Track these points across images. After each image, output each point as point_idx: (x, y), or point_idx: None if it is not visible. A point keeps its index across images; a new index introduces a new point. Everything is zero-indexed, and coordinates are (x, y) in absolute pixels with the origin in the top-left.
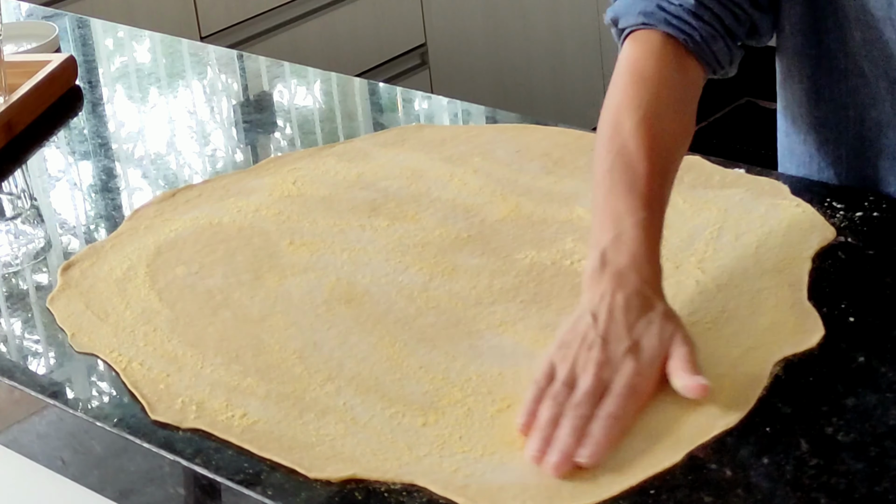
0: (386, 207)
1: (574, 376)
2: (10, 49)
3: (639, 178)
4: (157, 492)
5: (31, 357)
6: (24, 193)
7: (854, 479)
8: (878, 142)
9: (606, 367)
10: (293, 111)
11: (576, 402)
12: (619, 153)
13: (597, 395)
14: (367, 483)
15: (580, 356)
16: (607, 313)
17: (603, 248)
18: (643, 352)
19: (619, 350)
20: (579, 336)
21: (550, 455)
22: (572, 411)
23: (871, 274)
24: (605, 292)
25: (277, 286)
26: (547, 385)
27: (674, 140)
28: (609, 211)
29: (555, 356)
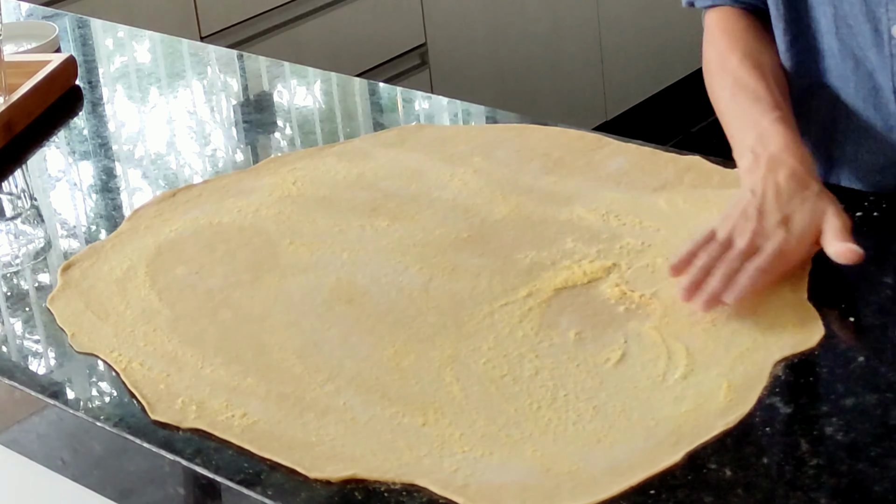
0: (386, 207)
1: (731, 240)
2: (10, 49)
3: (760, 93)
4: (157, 492)
5: (31, 357)
6: (24, 193)
7: (854, 479)
8: (846, 124)
9: (760, 235)
10: (293, 111)
11: (729, 257)
12: (734, 83)
13: (748, 255)
14: (367, 483)
15: (738, 224)
16: (764, 190)
17: (751, 146)
18: (794, 223)
19: (773, 221)
20: (739, 209)
21: (700, 294)
22: (725, 264)
23: (871, 274)
24: (765, 174)
25: (277, 286)
26: (705, 244)
27: (773, 69)
28: (744, 121)
29: (716, 224)
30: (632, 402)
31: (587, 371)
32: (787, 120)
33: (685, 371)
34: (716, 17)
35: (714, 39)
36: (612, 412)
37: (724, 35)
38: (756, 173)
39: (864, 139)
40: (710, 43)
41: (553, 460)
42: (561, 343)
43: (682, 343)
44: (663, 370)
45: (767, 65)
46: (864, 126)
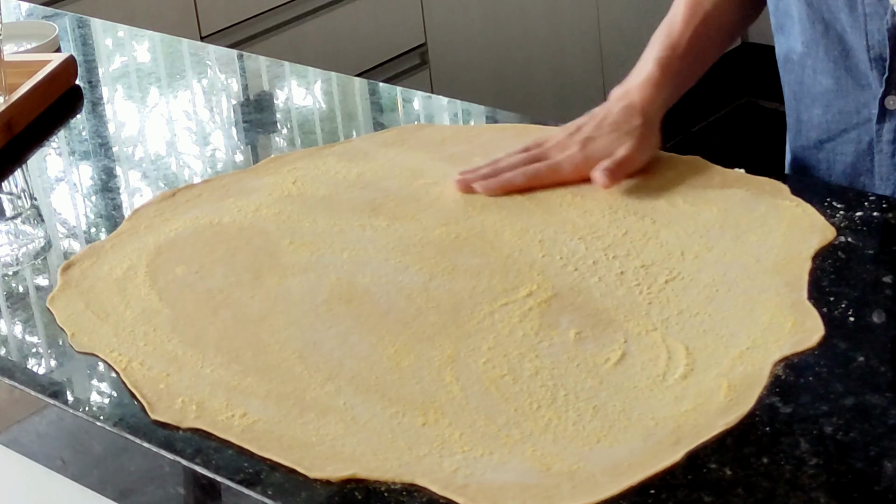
0: (386, 207)
1: (540, 145)
2: (10, 49)
3: (674, 32)
4: (157, 492)
5: (31, 357)
6: (24, 193)
7: (854, 479)
8: (814, 88)
9: (557, 147)
10: (293, 111)
11: (517, 157)
12: (667, 23)
13: (535, 160)
14: (367, 483)
15: (553, 135)
16: (598, 115)
17: (629, 74)
18: (592, 145)
19: (577, 138)
20: (570, 125)
21: (464, 175)
22: (505, 159)
23: (871, 274)
24: (609, 103)
25: (277, 286)
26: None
27: (713, 16)
28: (642, 59)
29: (548, 132)
30: (632, 402)
31: (587, 371)
32: (669, 63)
33: (685, 371)
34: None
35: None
36: (612, 412)
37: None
38: (608, 101)
39: (835, 100)
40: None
41: (553, 460)
42: (561, 343)
43: (682, 343)
44: (663, 370)
45: (710, 13)
46: (834, 88)
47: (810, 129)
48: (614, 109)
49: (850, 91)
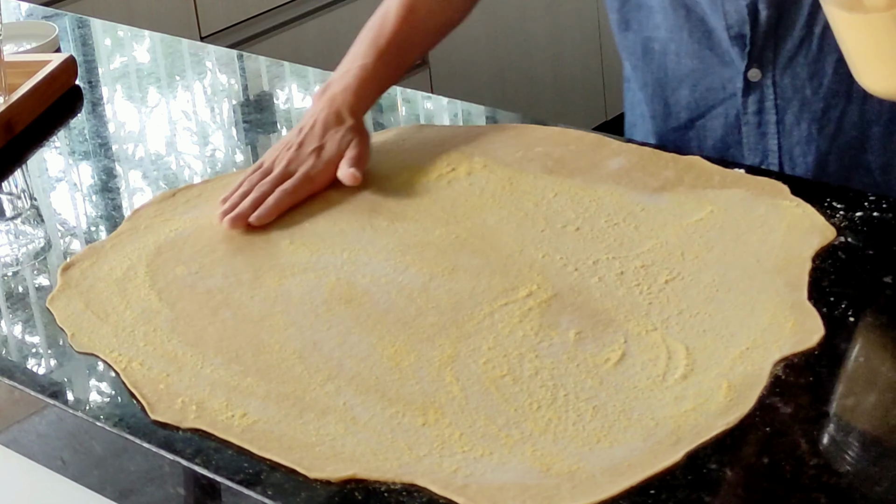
0: (386, 207)
1: (271, 169)
2: (10, 49)
3: (383, 36)
4: (157, 492)
5: (31, 357)
6: (24, 193)
7: (854, 479)
8: (680, 71)
9: (295, 162)
10: (293, 111)
11: (263, 182)
12: (380, 17)
13: (282, 180)
14: (367, 483)
15: (280, 154)
16: (309, 126)
17: (332, 78)
18: (325, 151)
19: (308, 150)
20: (285, 141)
21: (231, 215)
22: (257, 188)
23: (871, 274)
24: (315, 111)
25: (277, 286)
26: (251, 174)
27: (430, 17)
28: (350, 55)
29: (265, 156)
30: (632, 402)
31: (587, 371)
32: (374, 71)
33: (685, 371)
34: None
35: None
36: (612, 412)
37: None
38: (313, 108)
39: (701, 80)
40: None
41: (553, 460)
42: (561, 343)
43: (682, 343)
44: (663, 370)
45: (425, 10)
46: (699, 68)
47: (679, 110)
48: (323, 116)
49: (715, 69)
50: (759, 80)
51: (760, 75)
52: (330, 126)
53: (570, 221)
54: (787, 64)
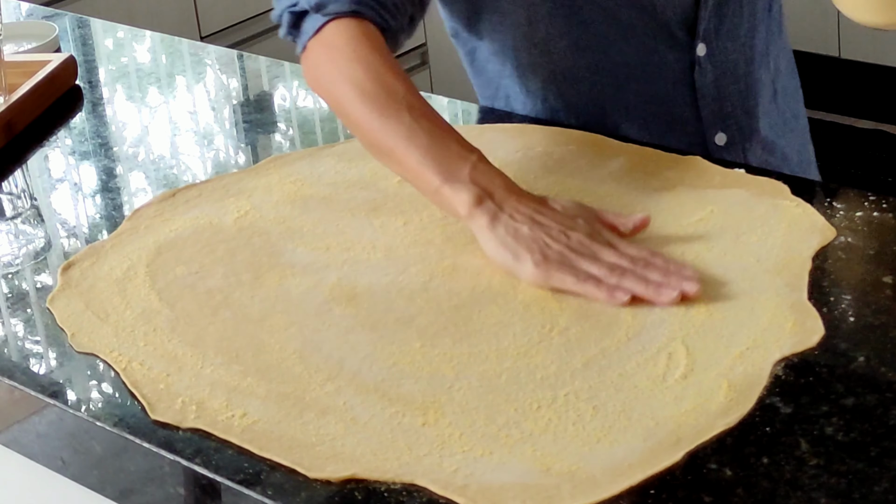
0: (386, 207)
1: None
2: (10, 49)
3: (443, 125)
4: (157, 492)
5: (31, 357)
6: (24, 193)
7: (854, 479)
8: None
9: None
10: (293, 111)
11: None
12: (411, 109)
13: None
14: (367, 483)
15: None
16: (527, 214)
17: (470, 179)
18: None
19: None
20: (530, 239)
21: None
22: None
23: (871, 274)
24: (508, 210)
25: (277, 286)
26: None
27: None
28: (444, 152)
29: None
30: (632, 402)
31: (587, 371)
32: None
33: (685, 371)
34: (350, 29)
35: (359, 57)
36: (612, 412)
37: (376, 52)
38: (497, 212)
39: (648, 66)
40: (348, 59)
41: (553, 460)
42: (561, 343)
43: (682, 343)
44: (663, 370)
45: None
46: (648, 58)
47: (629, 96)
48: (525, 204)
49: (664, 53)
50: (705, 54)
51: (706, 49)
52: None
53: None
54: (730, 35)
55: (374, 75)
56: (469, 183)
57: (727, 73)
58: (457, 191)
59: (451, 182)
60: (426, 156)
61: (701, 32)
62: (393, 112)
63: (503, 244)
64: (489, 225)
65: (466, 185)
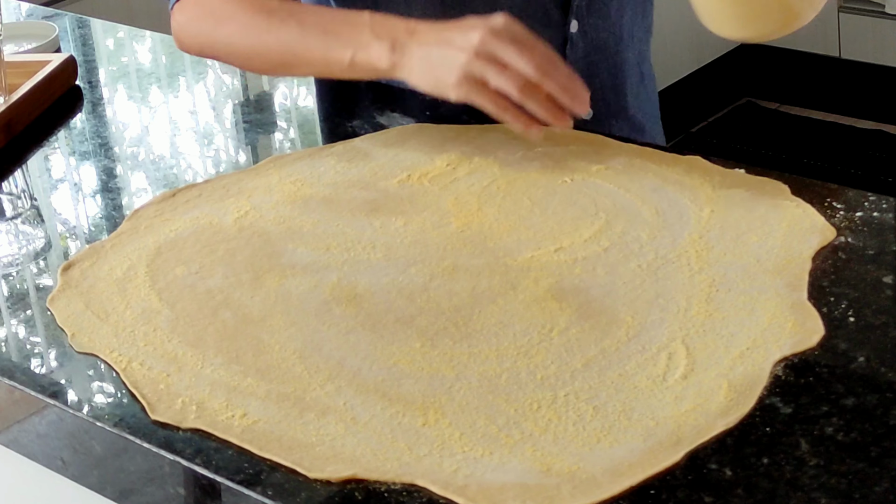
0: (386, 207)
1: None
2: (10, 49)
3: (325, 9)
4: (157, 492)
5: (31, 357)
6: (24, 193)
7: (854, 479)
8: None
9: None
10: (293, 111)
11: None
12: (291, 15)
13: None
14: (367, 483)
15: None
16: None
17: (381, 37)
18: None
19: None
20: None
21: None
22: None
23: (871, 274)
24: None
25: (277, 286)
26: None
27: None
28: (340, 29)
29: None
30: (632, 402)
31: (587, 371)
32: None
33: (685, 371)
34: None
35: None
36: (612, 412)
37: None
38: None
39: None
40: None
41: (553, 460)
42: (561, 343)
43: (682, 343)
44: (663, 370)
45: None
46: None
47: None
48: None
49: (540, 31)
50: (577, 31)
51: (578, 26)
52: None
53: (569, 221)
54: (600, 13)
55: (251, 5)
56: (374, 39)
57: (597, 51)
58: (368, 53)
59: (360, 48)
60: (326, 41)
61: (574, 9)
62: (279, 24)
63: (424, 73)
64: (407, 64)
65: (373, 42)
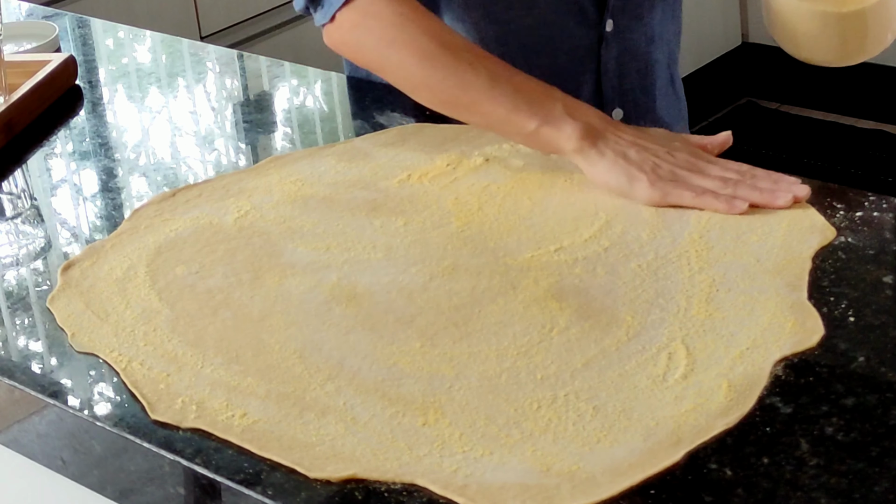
0: (386, 207)
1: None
2: (10, 49)
3: (515, 69)
4: (157, 492)
5: (31, 357)
6: (24, 193)
7: (854, 479)
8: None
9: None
10: (293, 111)
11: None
12: (482, 60)
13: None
14: (367, 483)
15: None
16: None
17: (574, 118)
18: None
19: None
20: (637, 164)
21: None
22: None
23: (871, 274)
24: (615, 139)
25: (277, 286)
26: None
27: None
28: (532, 95)
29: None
30: (632, 402)
31: (587, 371)
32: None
33: (685, 371)
34: (392, 4)
35: (409, 17)
36: (612, 412)
37: (419, 12)
38: (604, 143)
39: (560, 43)
40: (405, 23)
41: (553, 460)
42: (561, 342)
43: (682, 343)
44: (663, 370)
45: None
46: (557, 34)
47: (542, 71)
48: (625, 133)
49: (572, 29)
50: (612, 31)
51: (613, 25)
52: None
53: (569, 221)
54: (634, 13)
55: (432, 35)
56: (568, 118)
57: (629, 51)
58: (558, 128)
59: (549, 122)
60: (515, 101)
61: (610, 8)
62: (466, 66)
63: (614, 167)
64: (598, 153)
65: (566, 120)
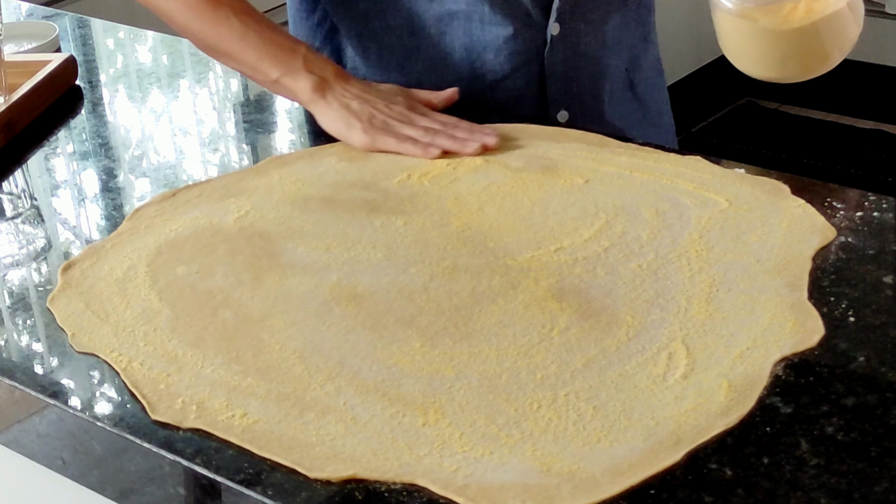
0: (386, 207)
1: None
2: (10, 49)
3: (269, 22)
4: (157, 492)
5: (31, 357)
6: (24, 193)
7: (854, 479)
8: (484, 38)
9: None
10: (293, 111)
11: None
12: (237, 13)
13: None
14: (367, 483)
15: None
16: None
17: (311, 72)
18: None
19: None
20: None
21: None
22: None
23: (871, 274)
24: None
25: (277, 286)
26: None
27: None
28: (277, 49)
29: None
30: (632, 401)
31: (587, 371)
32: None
33: (685, 371)
34: None
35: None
36: (612, 412)
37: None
38: (334, 94)
39: (504, 45)
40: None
41: (553, 460)
42: (561, 342)
43: (682, 343)
44: (663, 370)
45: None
46: (504, 34)
47: (485, 72)
48: (352, 87)
49: (520, 31)
50: (558, 34)
51: (559, 29)
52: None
53: (569, 221)
54: (584, 18)
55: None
56: (305, 72)
57: (579, 56)
58: (295, 80)
59: (288, 73)
60: (261, 52)
61: (555, 13)
62: (223, 19)
63: (337, 116)
64: (326, 103)
65: (302, 73)
